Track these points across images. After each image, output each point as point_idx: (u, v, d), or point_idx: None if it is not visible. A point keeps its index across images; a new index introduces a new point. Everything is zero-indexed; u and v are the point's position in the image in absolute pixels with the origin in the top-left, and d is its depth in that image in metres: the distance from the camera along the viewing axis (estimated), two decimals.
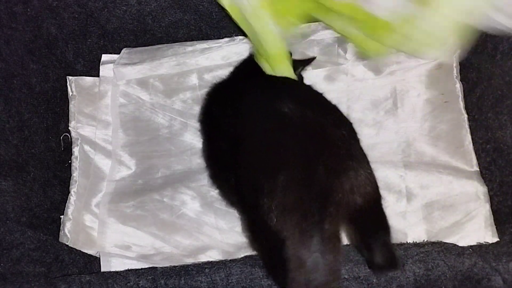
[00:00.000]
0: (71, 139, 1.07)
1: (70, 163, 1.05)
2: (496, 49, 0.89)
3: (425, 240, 0.89)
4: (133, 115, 1.09)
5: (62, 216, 0.98)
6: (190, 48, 1.09)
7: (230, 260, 0.82)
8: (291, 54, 0.98)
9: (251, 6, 0.88)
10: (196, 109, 1.06)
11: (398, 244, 0.77)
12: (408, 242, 0.90)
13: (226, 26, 1.08)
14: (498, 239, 0.89)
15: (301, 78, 1.02)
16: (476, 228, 0.91)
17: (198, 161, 1.05)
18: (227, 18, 1.05)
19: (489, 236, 0.89)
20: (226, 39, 1.10)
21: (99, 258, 0.91)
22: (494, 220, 0.91)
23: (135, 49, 1.11)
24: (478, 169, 0.97)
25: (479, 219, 0.92)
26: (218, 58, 1.09)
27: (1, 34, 0.94)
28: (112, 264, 0.89)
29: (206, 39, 1.10)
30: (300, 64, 1.00)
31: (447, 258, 0.72)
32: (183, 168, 1.06)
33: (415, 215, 0.95)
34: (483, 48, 0.93)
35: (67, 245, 0.91)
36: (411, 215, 0.96)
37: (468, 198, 0.94)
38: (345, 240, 0.92)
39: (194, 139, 1.07)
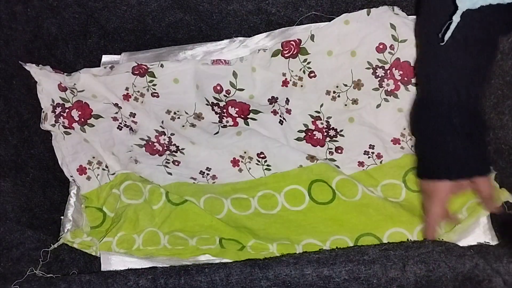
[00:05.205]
0: None
1: None
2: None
3: (425, 239, 0.88)
4: None
5: (62, 217, 0.98)
6: (190, 52, 1.10)
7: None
8: None
9: None
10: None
11: (398, 244, 0.77)
12: (409, 240, 0.90)
13: (226, 27, 1.08)
14: (498, 242, 0.88)
15: None
16: (475, 232, 0.90)
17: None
18: (227, 19, 1.05)
19: (489, 240, 0.88)
20: (226, 41, 1.10)
21: (99, 257, 0.90)
22: (495, 221, 0.90)
23: (134, 54, 1.12)
24: None
25: (478, 222, 0.91)
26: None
27: (0, 34, 0.94)
28: (112, 262, 0.89)
29: (206, 40, 1.10)
30: None
31: (448, 259, 0.71)
32: None
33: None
34: None
35: (67, 245, 0.91)
36: None
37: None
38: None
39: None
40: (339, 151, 1.02)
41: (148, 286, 0.71)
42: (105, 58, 1.13)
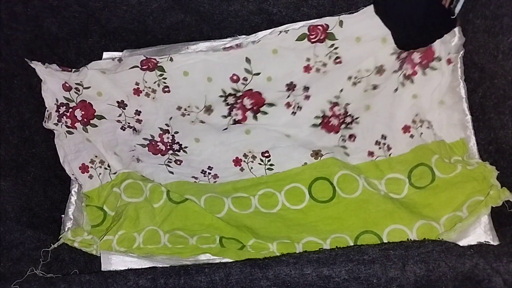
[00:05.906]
0: None
1: None
2: (498, 49, 0.89)
3: (426, 238, 0.89)
4: None
5: (62, 216, 0.98)
6: (193, 47, 1.09)
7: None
8: None
9: None
10: None
11: (398, 243, 0.77)
12: (409, 239, 0.90)
13: (227, 27, 1.07)
14: (499, 242, 0.88)
15: None
16: (476, 232, 0.90)
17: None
18: (228, 20, 1.05)
19: (490, 240, 0.88)
20: (229, 39, 1.09)
21: (100, 257, 0.90)
22: (496, 221, 0.90)
23: (136, 51, 1.11)
24: None
25: (479, 222, 0.91)
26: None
27: (1, 34, 0.94)
28: (112, 262, 0.89)
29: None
30: None
31: (448, 258, 0.71)
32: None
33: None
34: (485, 48, 0.93)
35: (67, 245, 0.91)
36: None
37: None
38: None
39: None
40: (352, 139, 1.02)
41: (148, 286, 0.71)
42: (106, 55, 1.12)
